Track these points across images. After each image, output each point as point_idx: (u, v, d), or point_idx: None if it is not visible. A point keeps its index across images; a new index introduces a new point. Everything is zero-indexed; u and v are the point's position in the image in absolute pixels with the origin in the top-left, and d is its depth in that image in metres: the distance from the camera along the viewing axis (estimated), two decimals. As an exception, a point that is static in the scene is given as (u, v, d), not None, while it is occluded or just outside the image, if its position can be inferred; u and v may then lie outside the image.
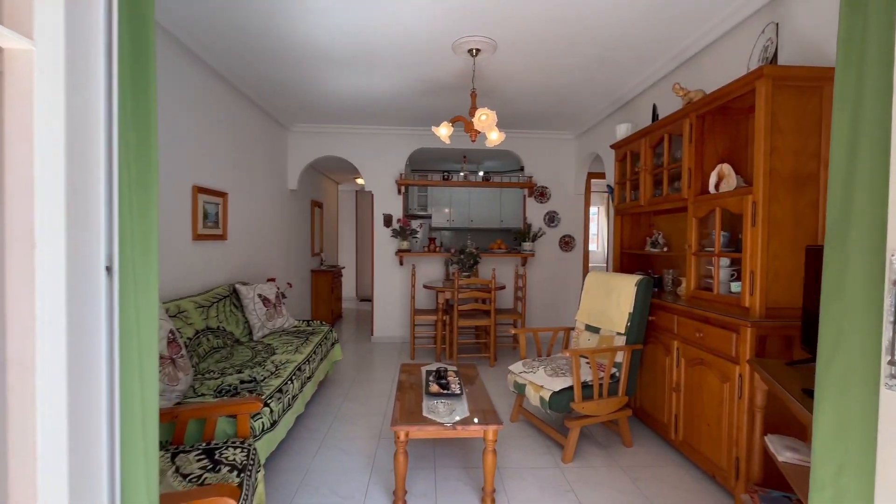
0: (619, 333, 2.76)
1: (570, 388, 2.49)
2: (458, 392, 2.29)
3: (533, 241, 5.21)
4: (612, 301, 2.86)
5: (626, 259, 3.54)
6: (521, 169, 5.52)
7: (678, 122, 2.62)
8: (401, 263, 5.31)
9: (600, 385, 2.52)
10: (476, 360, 4.53)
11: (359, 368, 4.21)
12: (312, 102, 4.31)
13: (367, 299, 8.87)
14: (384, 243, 5.35)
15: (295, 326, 3.75)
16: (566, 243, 5.48)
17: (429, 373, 2.58)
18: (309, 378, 2.87)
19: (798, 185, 2.03)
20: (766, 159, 2.01)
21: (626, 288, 2.77)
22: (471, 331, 5.23)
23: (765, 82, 1.99)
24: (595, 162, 5.28)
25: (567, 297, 5.52)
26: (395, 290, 5.38)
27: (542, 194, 5.43)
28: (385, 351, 4.92)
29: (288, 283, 4.40)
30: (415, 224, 5.28)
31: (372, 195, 5.36)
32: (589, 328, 3.02)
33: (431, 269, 5.40)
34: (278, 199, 4.93)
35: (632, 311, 2.70)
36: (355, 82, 3.73)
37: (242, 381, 2.32)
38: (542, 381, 2.58)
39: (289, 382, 2.46)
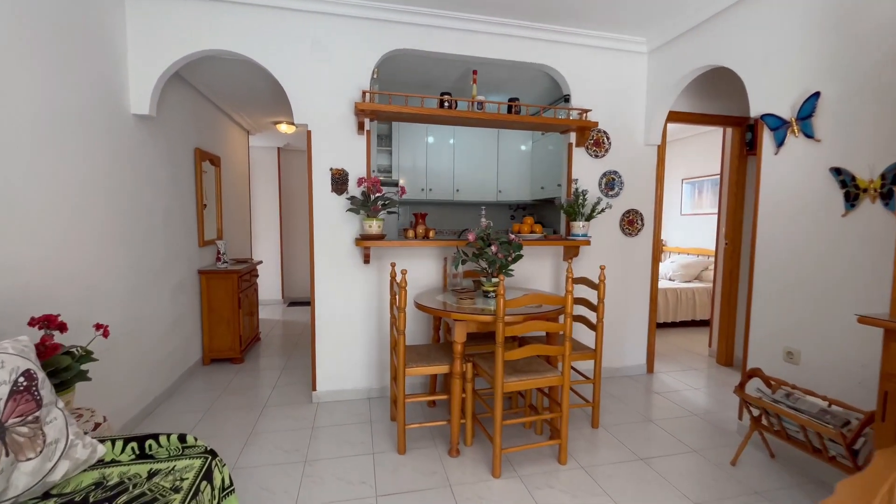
0: None
1: None
2: None
3: (588, 219, 3.13)
4: None
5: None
6: (566, 99, 3.35)
7: None
8: (366, 261, 2.94)
9: None
10: (529, 456, 2.37)
11: (293, 508, 1.85)
12: None
13: (302, 302, 6.25)
14: (331, 223, 2.92)
15: (100, 462, 1.30)
16: (630, 223, 3.47)
17: None
18: None
19: None
20: None
21: None
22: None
23: None
24: (684, 97, 3.27)
25: (634, 311, 3.51)
26: (354, 306, 3.00)
27: (597, 143, 3.33)
28: (342, 433, 2.58)
29: (97, 327, 1.71)
30: (390, 192, 2.94)
31: (308, 135, 2.87)
32: None
33: (422, 270, 3.09)
34: (97, 128, 2.29)
35: None
36: None
37: None
38: None
39: None
